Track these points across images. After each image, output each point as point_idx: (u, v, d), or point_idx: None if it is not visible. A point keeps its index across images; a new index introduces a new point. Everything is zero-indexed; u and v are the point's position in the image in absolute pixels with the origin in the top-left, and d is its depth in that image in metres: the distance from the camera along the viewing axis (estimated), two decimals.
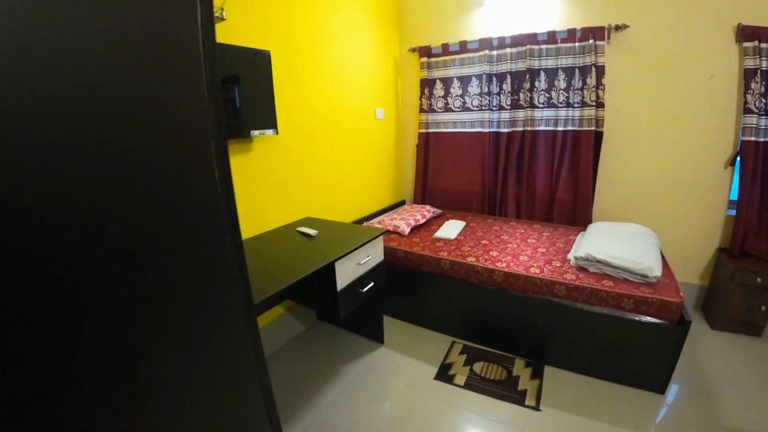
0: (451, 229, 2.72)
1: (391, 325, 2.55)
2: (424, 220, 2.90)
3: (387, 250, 2.56)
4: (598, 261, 2.00)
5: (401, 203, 3.42)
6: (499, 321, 2.21)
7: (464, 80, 3.03)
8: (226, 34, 1.86)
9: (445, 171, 3.22)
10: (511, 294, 2.10)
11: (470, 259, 2.25)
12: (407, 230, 2.69)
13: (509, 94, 2.87)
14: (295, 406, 1.93)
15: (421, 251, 2.42)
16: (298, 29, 2.27)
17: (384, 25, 3.02)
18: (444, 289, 2.35)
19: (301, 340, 2.48)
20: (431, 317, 2.48)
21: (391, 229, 2.75)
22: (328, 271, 1.79)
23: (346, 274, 1.86)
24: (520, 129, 2.89)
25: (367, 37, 2.85)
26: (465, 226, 2.82)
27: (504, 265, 2.17)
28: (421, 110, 3.20)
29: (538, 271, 2.09)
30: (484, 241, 2.52)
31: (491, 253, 2.33)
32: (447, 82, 3.09)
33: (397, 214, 2.95)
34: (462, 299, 2.30)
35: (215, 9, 1.64)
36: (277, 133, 2.08)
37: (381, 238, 2.10)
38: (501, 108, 2.94)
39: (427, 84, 3.13)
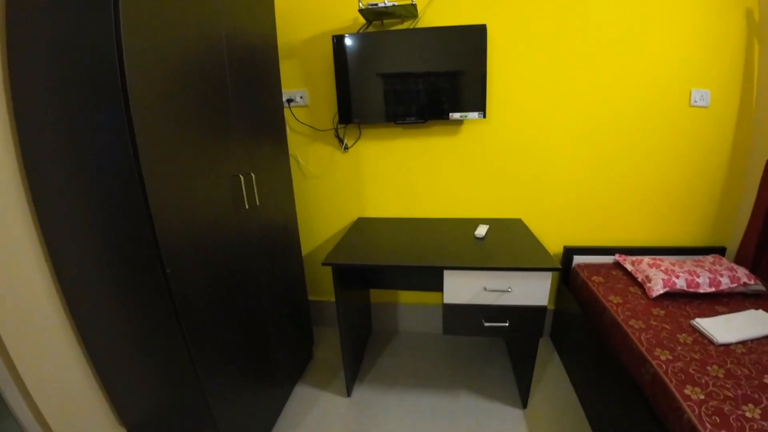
0: (740, 324, 1.49)
1: (562, 389, 1.89)
2: (713, 289, 1.70)
3: (590, 302, 1.84)
4: None
5: (714, 251, 2.04)
6: None
7: None
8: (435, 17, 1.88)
9: None
10: None
11: (693, 409, 1.15)
12: (659, 290, 1.71)
13: None
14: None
15: (636, 332, 1.51)
16: None
17: None
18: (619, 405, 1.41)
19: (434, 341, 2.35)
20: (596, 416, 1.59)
21: (639, 278, 1.85)
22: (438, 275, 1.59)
23: (462, 292, 1.59)
24: None
25: None
26: None
27: None
28: None
29: None
30: None
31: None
32: None
33: (674, 263, 1.88)
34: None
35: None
36: (483, 117, 1.87)
37: (546, 275, 1.53)
38: None
39: None
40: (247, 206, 1.46)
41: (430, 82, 1.88)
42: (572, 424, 1.71)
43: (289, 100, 2.05)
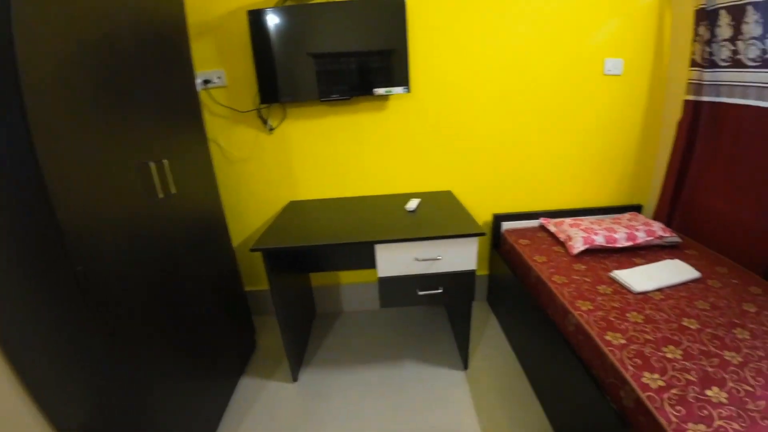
0: (657, 273, 1.61)
1: (500, 348, 1.99)
2: (630, 243, 1.83)
3: (519, 264, 1.93)
4: None
5: (631, 209, 2.22)
6: None
7: None
8: None
9: (729, 176, 1.77)
10: None
11: (614, 354, 1.20)
12: (580, 247, 1.83)
13: None
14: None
15: (558, 287, 1.60)
16: None
17: None
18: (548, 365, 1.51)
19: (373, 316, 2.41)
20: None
21: (561, 238, 1.96)
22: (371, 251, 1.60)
23: (394, 264, 1.61)
24: None
25: None
26: (694, 283, 1.57)
27: None
28: (693, 63, 1.82)
29: None
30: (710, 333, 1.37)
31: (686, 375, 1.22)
32: (738, 13, 1.58)
33: (593, 222, 2.02)
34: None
35: None
36: (408, 91, 1.87)
37: (472, 241, 1.58)
38: None
39: (704, 18, 1.71)
40: (161, 195, 1.37)
41: (353, 56, 1.84)
42: (511, 378, 1.81)
43: (206, 81, 1.93)
